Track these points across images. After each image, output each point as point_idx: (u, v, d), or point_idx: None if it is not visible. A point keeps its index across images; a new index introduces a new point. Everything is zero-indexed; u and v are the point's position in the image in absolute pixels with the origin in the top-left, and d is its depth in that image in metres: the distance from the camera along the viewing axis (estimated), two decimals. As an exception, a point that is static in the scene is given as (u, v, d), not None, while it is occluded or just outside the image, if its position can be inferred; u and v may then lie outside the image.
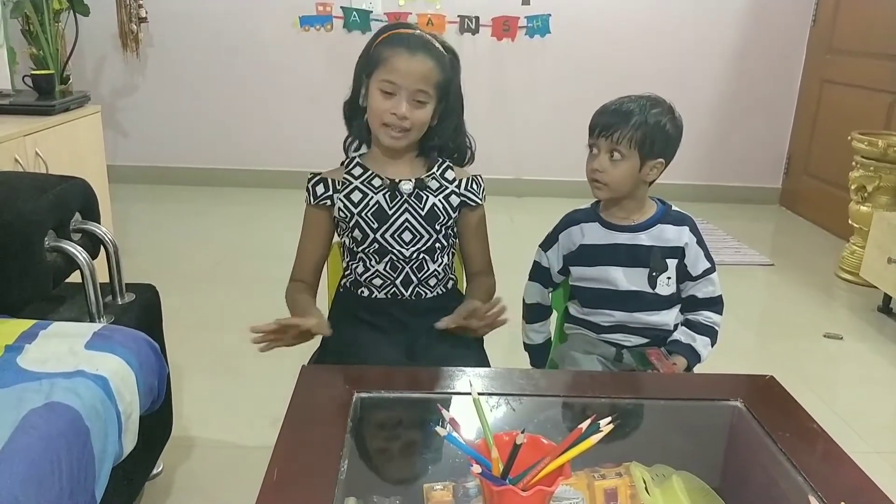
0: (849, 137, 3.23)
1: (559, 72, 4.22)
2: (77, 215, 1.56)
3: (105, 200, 2.62)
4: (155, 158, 4.30)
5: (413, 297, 1.48)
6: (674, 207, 1.53)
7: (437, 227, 1.45)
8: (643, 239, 1.48)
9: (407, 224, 1.43)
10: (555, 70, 4.22)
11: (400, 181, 1.43)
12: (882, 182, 3.10)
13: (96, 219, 1.61)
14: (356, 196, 1.43)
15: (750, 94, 4.32)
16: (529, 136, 4.26)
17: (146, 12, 3.98)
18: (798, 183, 4.33)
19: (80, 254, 1.47)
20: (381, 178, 1.44)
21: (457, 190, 1.47)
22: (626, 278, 1.49)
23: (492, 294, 1.53)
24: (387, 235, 1.43)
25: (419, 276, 1.46)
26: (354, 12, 4.05)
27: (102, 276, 1.54)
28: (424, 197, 1.44)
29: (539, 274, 1.60)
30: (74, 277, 1.52)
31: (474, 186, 1.50)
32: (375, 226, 1.42)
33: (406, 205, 1.43)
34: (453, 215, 1.47)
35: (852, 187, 3.23)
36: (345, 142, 1.52)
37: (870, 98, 3.68)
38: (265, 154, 4.32)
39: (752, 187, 4.48)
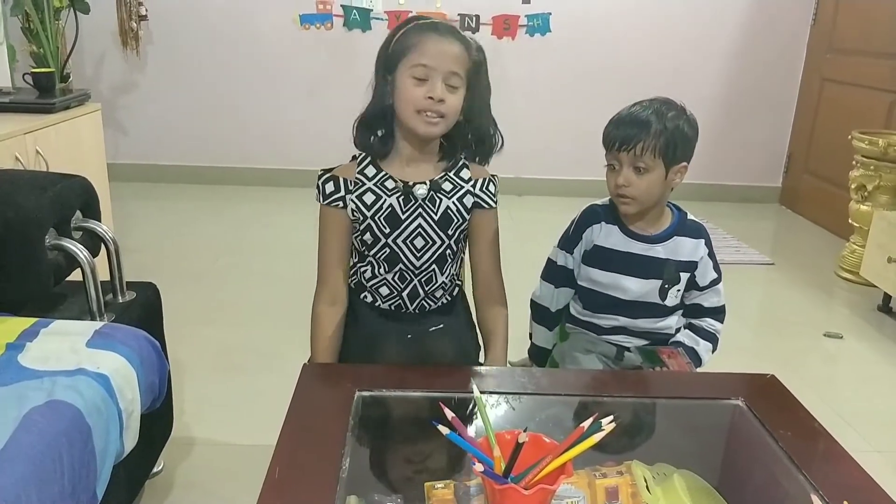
0: (849, 136, 3.23)
1: (559, 71, 4.22)
2: (78, 213, 1.56)
3: (105, 198, 2.62)
4: (155, 156, 4.30)
5: (416, 311, 1.44)
6: (689, 216, 1.50)
7: (450, 232, 1.39)
8: (659, 251, 1.46)
9: (420, 230, 1.37)
10: (555, 69, 4.21)
11: (414, 184, 1.37)
12: (882, 181, 3.10)
13: (97, 217, 1.61)
14: (369, 198, 1.37)
15: (750, 92, 4.32)
16: (530, 134, 4.26)
17: (146, 10, 3.98)
18: (798, 182, 4.33)
19: (80, 252, 1.47)
20: (395, 181, 1.37)
21: (472, 190, 1.40)
22: (637, 288, 1.47)
23: (507, 324, 1.49)
24: (399, 241, 1.37)
25: (426, 288, 1.42)
26: (355, 10, 4.05)
27: (103, 275, 1.53)
28: (438, 200, 1.38)
29: (555, 274, 1.55)
30: (75, 276, 1.52)
31: (490, 188, 1.42)
32: (388, 230, 1.37)
33: (420, 209, 1.37)
34: (467, 217, 1.41)
35: (852, 186, 3.23)
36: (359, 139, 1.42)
37: (870, 97, 3.68)
38: (265, 152, 4.32)
39: (753, 186, 4.48)
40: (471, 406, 1.17)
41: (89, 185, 1.61)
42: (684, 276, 1.48)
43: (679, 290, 1.49)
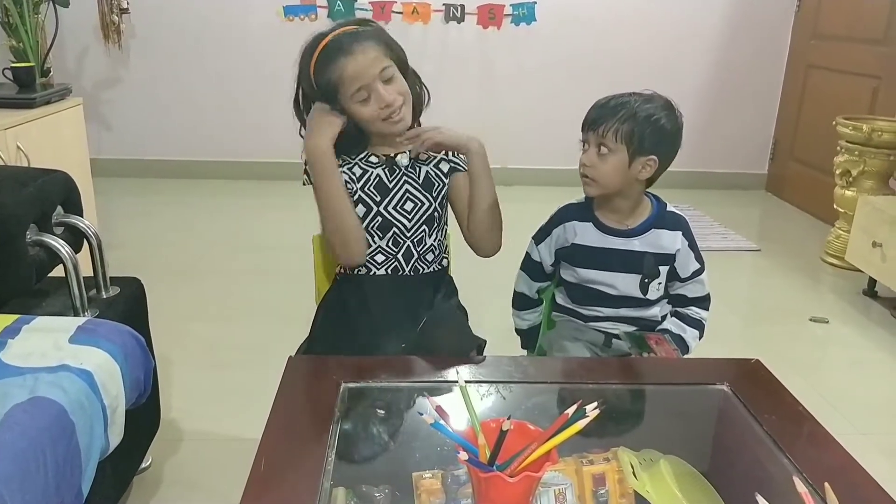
0: (834, 122, 3.24)
1: (545, 60, 4.21)
2: (59, 209, 1.54)
3: (88, 194, 2.60)
4: (138, 151, 4.26)
5: (412, 273, 1.49)
6: (669, 207, 1.50)
7: (434, 194, 1.49)
8: (636, 245, 1.46)
9: (408, 194, 1.46)
10: (541, 58, 4.20)
11: (396, 155, 1.46)
12: (866, 166, 3.12)
13: (79, 212, 1.60)
14: (357, 171, 1.46)
15: (735, 80, 4.32)
16: (516, 124, 4.25)
17: (127, 3, 3.93)
18: (784, 168, 4.35)
19: (62, 247, 1.46)
20: (378, 156, 1.47)
21: (445, 157, 1.51)
22: (618, 284, 1.48)
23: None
24: (389, 208, 1.46)
25: (419, 249, 1.49)
26: (339, 1, 4.02)
27: (86, 270, 1.52)
28: (418, 168, 1.48)
29: (529, 266, 1.59)
30: (58, 272, 1.50)
31: (459, 155, 1.52)
32: (378, 199, 1.45)
33: (405, 176, 1.47)
34: (446, 181, 1.50)
35: (837, 172, 3.24)
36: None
37: (854, 83, 3.70)
38: (250, 145, 4.29)
39: (739, 173, 4.50)
40: (456, 396, 1.17)
41: (70, 179, 1.59)
42: (663, 270, 1.48)
43: (660, 284, 1.49)
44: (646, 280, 1.47)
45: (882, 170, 3.13)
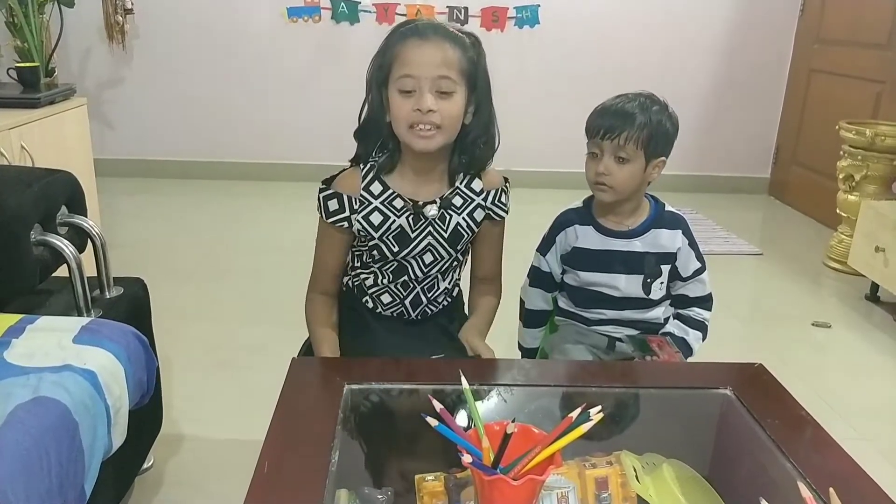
0: (837, 127, 3.25)
1: (548, 62, 4.22)
2: (63, 208, 1.54)
3: (92, 194, 2.60)
4: (142, 151, 4.27)
5: (419, 317, 1.44)
6: (667, 207, 1.51)
7: (459, 247, 1.39)
8: (637, 245, 1.47)
9: (430, 247, 1.36)
10: (544, 61, 4.21)
11: (424, 204, 1.32)
12: (869, 171, 3.12)
13: (83, 212, 1.60)
14: (376, 218, 1.32)
15: (738, 84, 4.33)
16: (519, 126, 4.21)
17: (132, 3, 3.94)
18: (786, 173, 4.35)
19: (66, 247, 1.46)
20: (404, 200, 1.32)
21: (483, 203, 1.37)
22: (620, 285, 1.48)
23: (493, 313, 1.47)
24: (409, 257, 1.36)
25: (429, 296, 1.42)
26: (342, 3, 4.03)
27: (90, 270, 1.52)
28: (448, 217, 1.34)
29: (541, 279, 1.57)
30: (62, 272, 1.51)
31: (502, 199, 1.40)
32: (396, 249, 1.34)
33: (430, 227, 1.34)
34: (476, 230, 1.39)
35: (840, 176, 3.24)
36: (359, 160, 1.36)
37: (857, 87, 3.70)
38: (253, 146, 4.30)
39: (741, 177, 4.50)
40: (460, 398, 1.17)
41: (74, 179, 1.59)
42: (665, 269, 1.48)
43: (662, 283, 1.49)
44: (648, 280, 1.47)
45: (885, 174, 3.13)
